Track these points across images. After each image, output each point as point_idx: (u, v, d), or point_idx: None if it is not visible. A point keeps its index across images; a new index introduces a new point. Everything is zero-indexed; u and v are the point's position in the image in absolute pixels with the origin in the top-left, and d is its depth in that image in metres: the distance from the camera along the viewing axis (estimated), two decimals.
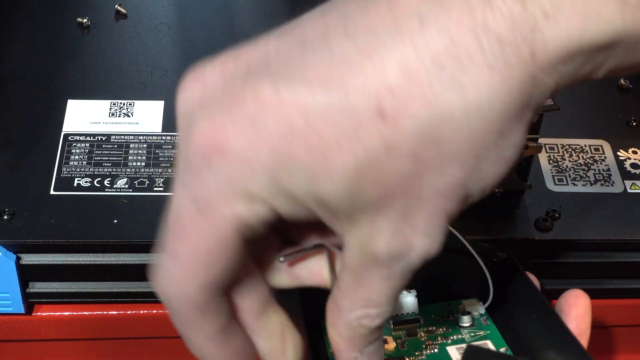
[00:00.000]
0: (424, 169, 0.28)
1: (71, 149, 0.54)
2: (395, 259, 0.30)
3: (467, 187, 0.29)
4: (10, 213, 0.49)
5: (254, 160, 0.28)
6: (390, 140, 0.27)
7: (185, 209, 0.29)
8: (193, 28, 0.66)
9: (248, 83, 0.28)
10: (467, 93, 0.27)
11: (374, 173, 0.27)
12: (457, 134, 0.27)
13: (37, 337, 0.52)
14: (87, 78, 0.60)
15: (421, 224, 0.29)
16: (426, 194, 0.28)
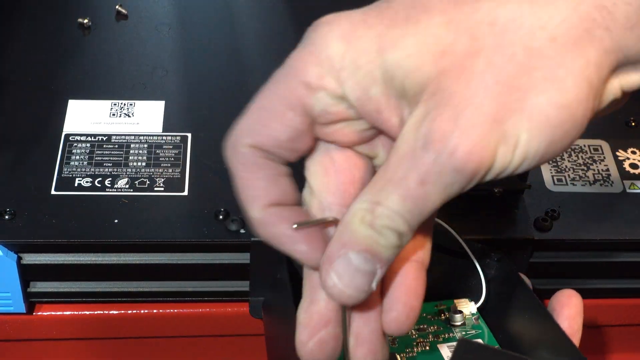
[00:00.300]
0: (477, 49, 0.29)
1: (72, 149, 0.54)
2: (427, 147, 0.29)
3: (516, 90, 0.29)
4: (12, 213, 0.49)
5: (334, 24, 0.31)
6: (450, 14, 0.30)
7: (276, 72, 0.32)
8: (193, 28, 0.66)
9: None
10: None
11: (433, 41, 0.30)
12: (510, 23, 0.29)
13: (38, 337, 0.52)
14: (88, 78, 0.60)
15: (460, 112, 0.29)
16: (474, 80, 0.29)
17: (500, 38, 0.29)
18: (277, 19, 0.69)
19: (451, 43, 0.29)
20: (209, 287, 0.51)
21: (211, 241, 0.49)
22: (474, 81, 0.29)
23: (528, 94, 0.29)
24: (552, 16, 0.29)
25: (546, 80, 0.29)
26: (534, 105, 0.29)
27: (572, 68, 0.29)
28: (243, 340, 0.54)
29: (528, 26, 0.29)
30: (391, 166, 0.30)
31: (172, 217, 0.50)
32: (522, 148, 0.29)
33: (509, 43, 0.29)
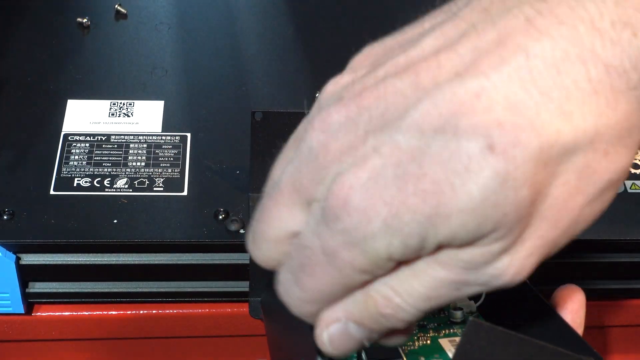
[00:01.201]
0: (536, 194, 0.28)
1: (71, 149, 0.54)
2: (474, 270, 0.29)
3: (570, 214, 0.29)
4: (10, 213, 0.49)
5: (371, 215, 0.28)
6: (502, 172, 0.27)
7: (315, 253, 0.30)
8: (193, 28, 0.66)
9: (370, 139, 0.29)
10: (573, 119, 0.27)
11: (491, 208, 0.28)
12: (564, 157, 0.28)
13: (36, 337, 0.52)
14: (87, 78, 0.60)
15: (522, 251, 0.29)
16: (534, 219, 0.29)
17: (555, 176, 0.28)
18: (277, 19, 0.68)
19: (512, 202, 0.28)
20: (209, 287, 0.51)
21: (211, 241, 0.49)
22: (536, 220, 0.29)
23: (581, 211, 0.30)
24: (602, 133, 0.28)
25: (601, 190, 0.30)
26: (586, 213, 0.31)
27: (621, 162, 0.29)
28: (243, 340, 0.54)
29: (582, 156, 0.28)
30: (421, 267, 0.30)
31: (172, 217, 0.50)
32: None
33: (565, 176, 0.29)
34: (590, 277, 0.53)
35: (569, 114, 0.27)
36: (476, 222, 0.28)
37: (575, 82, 0.27)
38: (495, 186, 0.27)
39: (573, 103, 0.27)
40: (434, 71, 0.29)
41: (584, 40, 0.27)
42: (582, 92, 0.27)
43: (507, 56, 0.28)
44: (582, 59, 0.27)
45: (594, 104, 0.28)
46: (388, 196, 0.28)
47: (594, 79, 0.27)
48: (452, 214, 0.28)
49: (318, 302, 0.32)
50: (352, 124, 0.30)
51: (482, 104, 0.27)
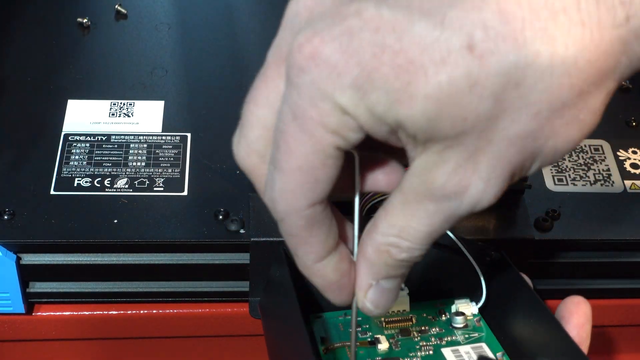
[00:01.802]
0: (500, 111, 0.28)
1: (71, 149, 0.54)
2: (448, 196, 0.30)
3: (536, 141, 0.29)
4: (11, 213, 0.49)
5: (343, 70, 0.28)
6: (474, 75, 0.28)
7: (286, 121, 0.30)
8: (193, 28, 0.66)
9: (355, 2, 0.29)
10: (555, 45, 0.28)
11: (453, 105, 0.28)
12: (538, 83, 0.28)
13: (37, 337, 0.52)
14: (87, 78, 0.60)
15: (484, 167, 0.30)
16: (497, 137, 0.29)
17: (526, 99, 0.28)
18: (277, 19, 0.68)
19: (474, 109, 0.28)
20: (209, 287, 0.51)
21: (211, 241, 0.49)
22: (496, 137, 0.29)
23: (549, 139, 0.29)
24: (581, 70, 0.28)
25: (568, 124, 0.29)
26: (553, 145, 0.30)
27: (593, 106, 0.29)
28: (243, 340, 0.54)
29: (557, 84, 0.28)
30: (411, 207, 0.31)
31: (172, 217, 0.50)
32: (533, 170, 0.31)
33: (535, 102, 0.28)
34: (590, 277, 0.53)
35: (552, 38, 0.28)
36: (436, 113, 0.28)
37: (564, 8, 0.28)
38: (464, 86, 0.28)
39: (559, 29, 0.28)
40: None
41: None
42: (570, 20, 0.28)
43: None
44: None
45: (579, 35, 0.28)
46: (362, 58, 0.28)
47: (583, 9, 0.28)
48: (418, 97, 0.28)
49: (300, 187, 0.31)
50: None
51: (474, 1, 0.28)
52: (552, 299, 0.53)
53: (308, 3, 0.31)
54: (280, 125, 0.30)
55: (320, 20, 0.29)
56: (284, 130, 0.30)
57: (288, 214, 0.32)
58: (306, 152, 0.30)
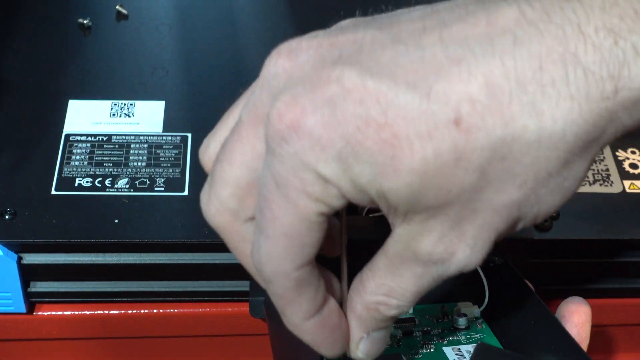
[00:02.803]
0: (485, 183, 0.28)
1: (72, 149, 0.54)
2: (435, 262, 0.31)
3: (521, 209, 0.30)
4: (12, 213, 0.49)
5: (326, 144, 0.28)
6: (460, 149, 0.27)
7: (269, 189, 0.30)
8: (194, 28, 0.66)
9: (337, 68, 0.29)
10: (543, 119, 0.27)
11: (438, 178, 0.28)
12: (525, 156, 0.28)
13: (38, 337, 0.52)
14: (88, 78, 0.60)
15: (469, 235, 0.30)
16: (481, 207, 0.29)
17: (511, 171, 0.28)
18: (277, 19, 0.69)
19: (459, 182, 0.28)
20: (209, 287, 0.51)
21: (211, 241, 0.49)
22: (481, 207, 0.29)
23: (534, 206, 0.30)
24: (568, 143, 0.28)
25: (552, 193, 0.29)
26: (538, 211, 0.30)
27: (578, 173, 0.29)
28: (243, 340, 0.54)
29: (544, 157, 0.28)
30: (399, 270, 0.32)
31: (173, 217, 0.50)
32: (517, 229, 0.31)
33: (521, 173, 0.28)
34: (590, 277, 0.53)
35: (540, 112, 0.27)
36: (420, 186, 0.28)
37: (553, 81, 0.27)
38: (449, 160, 0.28)
39: (547, 102, 0.27)
40: (418, 32, 0.29)
41: (569, 41, 0.27)
42: (558, 93, 0.27)
43: (494, 36, 0.28)
44: (564, 60, 0.27)
45: (567, 109, 0.27)
46: (345, 131, 0.28)
47: (572, 82, 0.27)
48: (402, 171, 0.28)
49: (287, 252, 0.31)
50: (320, 58, 0.29)
51: (461, 73, 0.27)
52: (552, 299, 0.53)
53: (286, 65, 0.30)
54: (264, 192, 0.30)
55: (299, 85, 0.29)
56: (267, 197, 0.30)
57: (276, 276, 0.32)
58: (291, 220, 0.30)
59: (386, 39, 0.29)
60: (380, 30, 0.30)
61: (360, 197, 0.29)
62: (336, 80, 0.28)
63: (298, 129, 0.28)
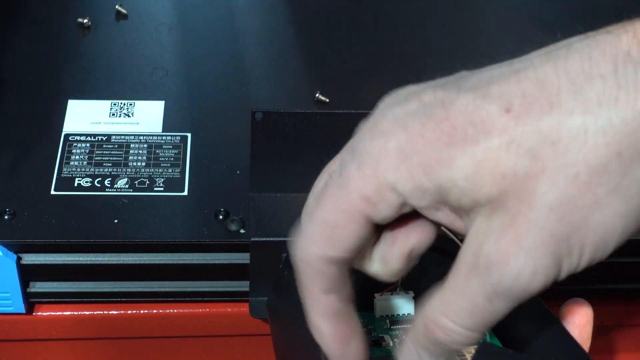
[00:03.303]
0: (538, 170, 0.29)
1: (72, 149, 0.54)
2: (490, 267, 0.30)
3: (580, 211, 0.29)
4: (11, 213, 0.49)
5: (390, 136, 0.31)
6: (511, 133, 0.29)
7: (334, 178, 0.32)
8: (193, 28, 0.66)
9: (421, 90, 0.32)
10: (589, 104, 0.28)
11: (492, 164, 0.29)
12: (573, 141, 0.29)
13: (37, 337, 0.52)
14: (88, 78, 0.60)
15: (524, 234, 0.29)
16: (537, 202, 0.29)
17: (562, 158, 0.29)
18: (277, 19, 0.69)
19: (512, 166, 0.29)
20: (209, 287, 0.51)
21: (211, 241, 0.49)
22: (537, 202, 0.29)
23: (593, 211, 0.29)
24: (617, 130, 0.28)
25: (611, 194, 0.29)
26: (599, 220, 0.29)
27: (637, 176, 0.29)
28: (243, 340, 0.54)
29: (592, 144, 0.28)
30: (459, 279, 0.31)
31: (172, 217, 0.50)
32: (587, 256, 0.30)
33: (572, 162, 0.29)
34: (589, 277, 0.53)
35: (586, 99, 0.29)
36: (474, 171, 0.29)
37: (601, 74, 0.29)
38: (500, 144, 0.29)
39: (594, 90, 0.29)
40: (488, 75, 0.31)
41: (623, 44, 0.29)
42: (605, 83, 0.29)
43: (552, 50, 0.30)
44: (616, 58, 0.29)
45: (613, 95, 0.29)
46: (409, 125, 0.30)
47: (621, 74, 0.29)
48: (456, 156, 0.29)
49: (318, 238, 0.32)
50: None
51: (518, 77, 0.30)
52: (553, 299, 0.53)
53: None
54: (329, 180, 0.33)
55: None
56: (329, 184, 0.32)
57: (301, 260, 0.33)
58: (335, 207, 0.32)
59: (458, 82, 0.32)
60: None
61: (420, 195, 0.31)
62: (416, 96, 0.32)
63: (374, 128, 0.31)
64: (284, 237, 0.47)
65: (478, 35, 0.69)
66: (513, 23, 0.70)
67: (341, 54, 0.65)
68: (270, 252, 0.48)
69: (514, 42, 0.67)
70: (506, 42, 0.67)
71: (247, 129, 0.50)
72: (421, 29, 0.69)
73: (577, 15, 0.71)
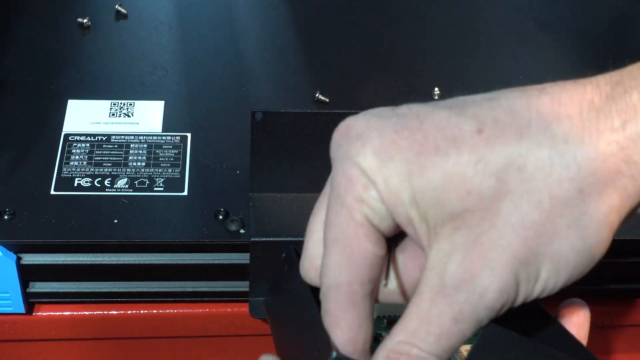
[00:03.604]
0: (503, 192, 0.30)
1: (71, 149, 0.54)
2: (457, 287, 0.30)
3: (540, 237, 0.30)
4: (11, 213, 0.49)
5: (366, 140, 0.32)
6: (480, 153, 0.30)
7: (330, 198, 0.33)
8: (193, 28, 0.66)
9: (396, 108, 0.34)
10: (556, 139, 0.30)
11: (459, 179, 0.30)
12: (539, 171, 0.30)
13: (37, 337, 0.52)
14: (88, 78, 0.60)
15: (488, 253, 0.30)
16: (500, 222, 0.30)
17: (527, 184, 0.30)
18: (277, 19, 0.69)
19: (478, 184, 0.30)
20: (209, 287, 0.51)
21: (211, 241, 0.49)
22: (501, 223, 0.30)
23: (552, 240, 0.30)
24: (581, 168, 0.30)
25: (570, 227, 0.30)
26: (557, 250, 0.30)
27: (596, 216, 0.30)
28: (243, 340, 0.54)
29: (557, 176, 0.30)
30: (423, 303, 0.31)
31: (172, 217, 0.50)
32: (541, 283, 0.31)
33: (536, 190, 0.30)
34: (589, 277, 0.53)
35: (553, 135, 0.31)
36: (443, 183, 0.30)
37: (569, 115, 0.31)
38: (469, 161, 0.30)
39: (560, 128, 0.31)
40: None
41: (587, 93, 0.31)
42: (572, 123, 0.31)
43: (528, 89, 0.32)
44: (581, 104, 0.31)
45: (578, 134, 0.31)
46: (384, 132, 0.32)
47: (585, 117, 0.31)
48: (427, 167, 0.31)
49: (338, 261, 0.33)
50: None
51: (492, 104, 0.32)
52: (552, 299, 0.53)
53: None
54: (328, 201, 0.33)
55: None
56: (328, 206, 0.33)
57: (329, 288, 0.33)
58: (340, 221, 0.32)
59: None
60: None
61: (395, 202, 0.31)
62: (392, 111, 0.33)
63: (347, 132, 0.32)
64: (284, 237, 0.47)
65: (478, 35, 0.69)
66: (513, 23, 0.70)
67: (341, 54, 0.65)
68: (270, 252, 0.48)
69: (514, 42, 0.67)
70: (506, 42, 0.67)
71: (247, 129, 0.50)
72: (421, 28, 0.69)
73: (577, 15, 0.71)
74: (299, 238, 0.47)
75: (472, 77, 0.63)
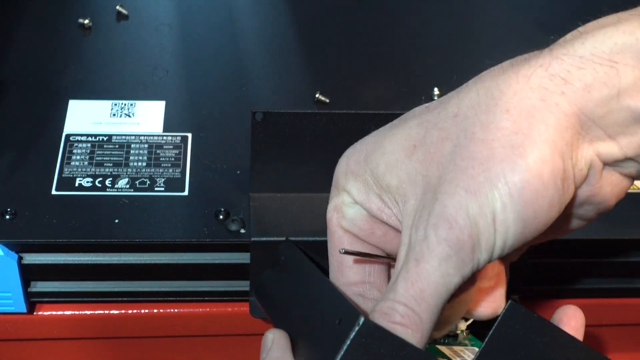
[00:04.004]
0: (444, 138, 0.33)
1: (72, 149, 0.54)
2: (439, 224, 0.31)
3: (480, 164, 0.31)
4: (12, 213, 0.49)
5: (348, 155, 0.36)
6: (423, 118, 0.34)
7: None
8: (193, 28, 0.66)
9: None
10: (484, 82, 0.34)
11: (404, 139, 0.34)
12: (469, 109, 0.33)
13: (38, 337, 0.52)
14: (89, 78, 0.60)
15: (443, 198, 0.32)
16: (445, 160, 0.32)
17: (462, 124, 0.32)
18: (277, 20, 0.69)
19: (422, 137, 0.33)
20: (209, 287, 0.51)
21: (211, 241, 0.49)
22: (444, 162, 0.32)
23: (492, 165, 0.31)
24: (504, 93, 0.32)
25: (504, 148, 0.31)
26: (499, 172, 0.31)
27: (530, 133, 0.31)
28: (243, 340, 0.55)
29: (484, 107, 0.32)
30: (400, 263, 0.33)
31: (172, 217, 0.50)
32: (499, 217, 0.31)
33: (470, 125, 0.32)
34: (589, 276, 0.53)
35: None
36: (392, 149, 0.34)
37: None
38: (414, 124, 0.34)
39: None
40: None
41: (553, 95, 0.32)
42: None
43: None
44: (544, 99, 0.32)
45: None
46: (349, 152, 0.36)
47: (532, 80, 0.33)
48: (384, 140, 0.35)
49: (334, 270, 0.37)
50: None
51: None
52: (550, 298, 0.53)
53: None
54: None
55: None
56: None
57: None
58: (328, 232, 0.37)
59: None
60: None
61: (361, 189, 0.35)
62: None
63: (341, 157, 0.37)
64: (284, 237, 0.47)
65: (478, 34, 0.69)
66: (513, 23, 0.70)
67: (341, 54, 0.65)
68: (270, 252, 0.48)
69: (514, 43, 0.67)
70: (506, 42, 0.68)
71: (247, 129, 0.50)
72: (421, 29, 0.69)
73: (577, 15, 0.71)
74: (299, 238, 0.47)
75: (472, 77, 0.63)
